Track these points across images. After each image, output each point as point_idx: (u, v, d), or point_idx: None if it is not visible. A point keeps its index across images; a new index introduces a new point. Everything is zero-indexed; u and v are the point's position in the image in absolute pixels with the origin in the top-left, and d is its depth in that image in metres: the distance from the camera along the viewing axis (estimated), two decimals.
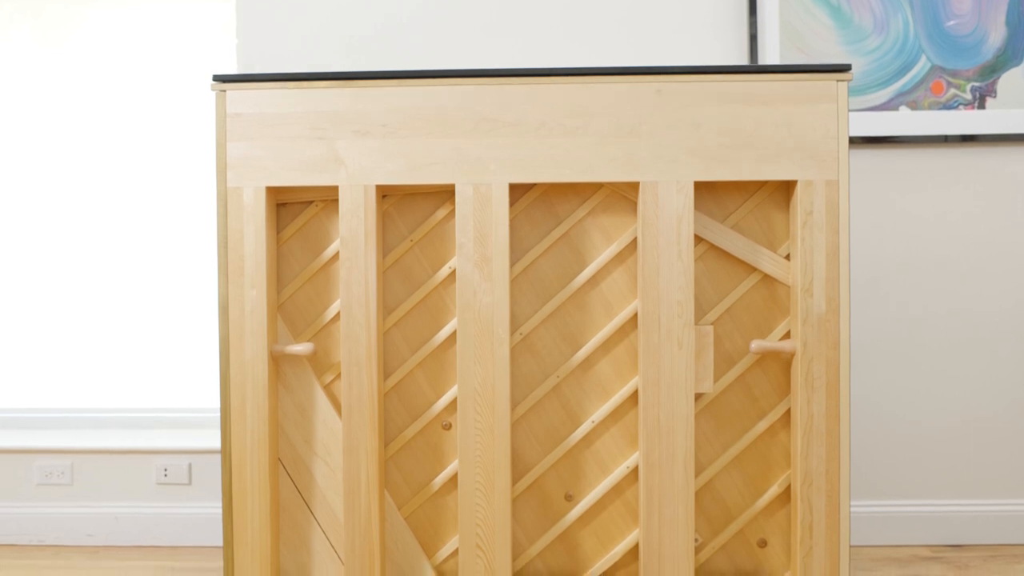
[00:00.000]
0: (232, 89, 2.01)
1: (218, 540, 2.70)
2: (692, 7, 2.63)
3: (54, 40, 2.84)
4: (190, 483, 2.72)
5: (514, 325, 2.07)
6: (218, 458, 2.71)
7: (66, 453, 2.75)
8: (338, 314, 2.07)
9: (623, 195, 2.05)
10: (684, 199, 1.97)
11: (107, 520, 2.72)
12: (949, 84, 2.58)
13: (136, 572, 2.48)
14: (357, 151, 2.00)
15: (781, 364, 2.05)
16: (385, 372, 2.08)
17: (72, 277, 2.88)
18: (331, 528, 2.09)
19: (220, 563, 2.54)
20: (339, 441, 2.07)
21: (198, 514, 2.71)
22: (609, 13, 2.64)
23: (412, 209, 2.09)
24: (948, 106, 2.58)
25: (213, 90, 2.02)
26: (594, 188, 2.06)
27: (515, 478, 2.08)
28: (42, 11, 2.83)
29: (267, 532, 2.04)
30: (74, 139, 2.86)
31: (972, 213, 2.61)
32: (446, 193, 2.07)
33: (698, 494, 2.07)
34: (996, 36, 2.58)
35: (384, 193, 2.07)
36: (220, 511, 2.70)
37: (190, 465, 2.72)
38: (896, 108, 2.59)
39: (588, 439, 2.08)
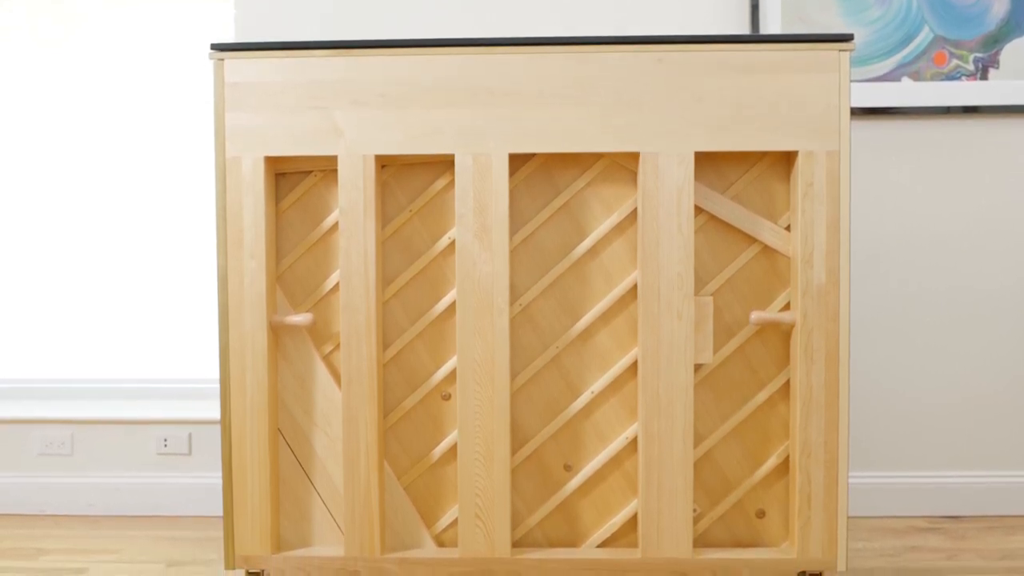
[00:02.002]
0: (230, 58, 2.00)
1: (218, 510, 2.71)
2: None
3: (57, 23, 2.83)
4: (190, 453, 2.73)
5: (514, 296, 2.06)
6: (218, 429, 2.72)
7: (66, 423, 2.75)
8: (337, 284, 2.07)
9: (623, 165, 2.04)
10: (684, 170, 1.97)
11: (107, 490, 2.73)
12: (951, 55, 2.56)
13: (136, 541, 2.49)
14: (356, 121, 1.99)
15: (781, 335, 2.06)
16: (384, 342, 2.08)
17: (73, 249, 2.87)
18: (331, 498, 2.10)
19: (220, 533, 2.55)
20: (338, 411, 2.08)
21: (198, 484, 2.72)
22: None
23: (411, 179, 2.08)
24: (950, 77, 2.57)
25: (211, 59, 2.00)
26: (594, 158, 2.05)
27: (514, 448, 2.08)
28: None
29: (267, 502, 2.04)
30: (76, 114, 2.85)
31: (973, 186, 2.61)
32: (445, 163, 2.06)
33: (697, 465, 2.07)
34: (1000, 6, 2.56)
35: (383, 163, 2.06)
36: (220, 481, 2.71)
37: (190, 435, 2.73)
38: (898, 79, 2.57)
39: (587, 410, 2.08)
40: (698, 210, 2.04)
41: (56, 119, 2.85)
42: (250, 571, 2.09)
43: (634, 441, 2.07)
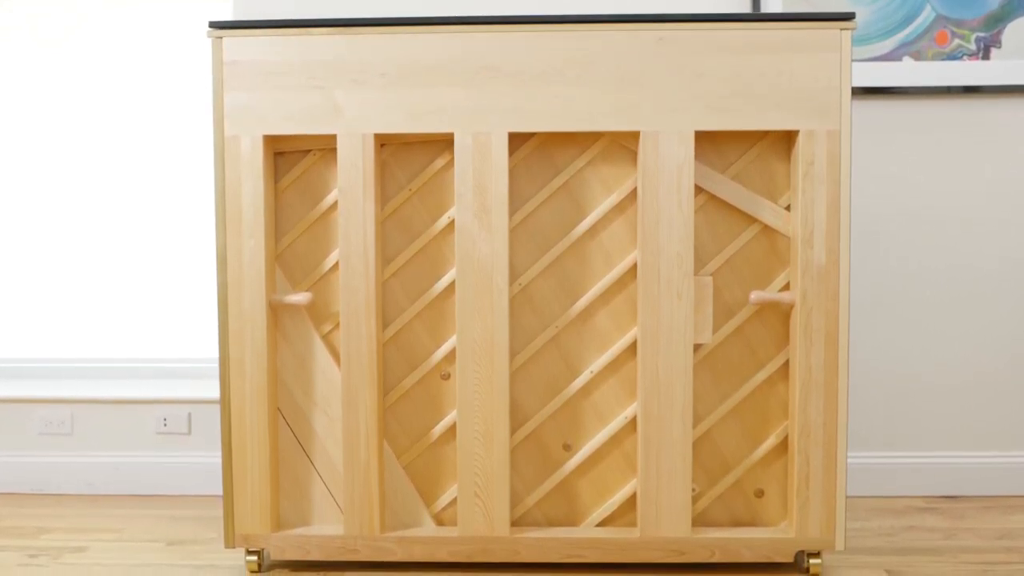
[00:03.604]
0: (228, 36, 1.99)
1: (218, 489, 2.71)
2: None
3: (57, 23, 2.82)
4: (190, 433, 2.73)
5: (513, 275, 2.06)
6: (217, 408, 2.72)
7: (66, 403, 2.75)
8: (336, 264, 2.07)
9: (623, 145, 2.04)
10: (685, 149, 1.96)
11: (107, 469, 2.74)
12: (953, 34, 2.55)
13: (137, 521, 2.50)
14: (355, 100, 1.98)
15: (780, 315, 2.05)
16: (384, 322, 2.08)
17: (72, 228, 2.87)
18: (330, 477, 2.10)
19: (220, 512, 2.56)
20: (338, 391, 2.08)
21: (198, 463, 2.72)
22: None
23: (411, 158, 2.07)
24: (952, 57, 2.56)
25: (209, 37, 1.99)
26: (594, 138, 2.04)
27: (513, 428, 2.08)
28: None
29: (267, 482, 2.05)
30: (77, 104, 2.83)
31: (974, 166, 2.60)
32: (445, 142, 2.06)
33: (696, 445, 2.07)
34: None
35: (382, 142, 2.06)
36: (220, 461, 2.71)
37: (190, 415, 2.73)
38: (899, 59, 2.56)
39: (586, 390, 2.08)
40: (698, 190, 2.03)
41: (57, 110, 2.84)
42: (250, 549, 2.09)
43: (633, 421, 2.07)
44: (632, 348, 2.06)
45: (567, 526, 2.11)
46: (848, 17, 1.93)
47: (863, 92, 2.57)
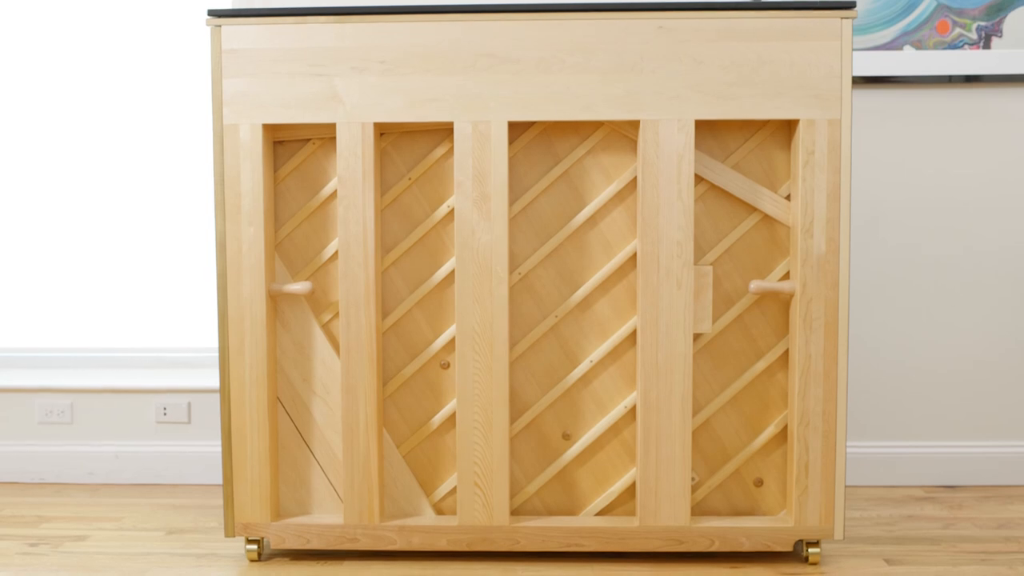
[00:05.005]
0: (227, 24, 1.98)
1: (218, 478, 2.72)
2: None
3: (55, 16, 2.81)
4: (189, 422, 2.73)
5: (513, 264, 2.06)
6: (217, 397, 2.72)
7: (66, 392, 2.76)
8: (336, 253, 2.07)
9: (623, 133, 2.03)
10: (685, 138, 1.96)
11: (107, 458, 2.74)
12: (955, 23, 2.54)
13: (137, 509, 2.50)
14: (355, 88, 1.98)
15: (780, 305, 2.05)
16: (383, 311, 2.08)
17: (72, 218, 2.87)
18: (330, 466, 2.10)
19: (220, 500, 2.56)
20: (337, 380, 2.08)
21: (198, 452, 2.73)
22: None
23: (410, 147, 2.07)
24: (953, 46, 2.55)
25: (208, 25, 1.99)
26: (594, 126, 2.04)
27: (513, 417, 2.08)
28: None
29: (266, 470, 2.05)
30: (76, 85, 2.83)
31: (975, 155, 2.59)
32: (445, 131, 2.05)
33: (695, 434, 2.08)
34: None
35: (382, 131, 2.05)
36: (219, 449, 2.72)
37: (189, 404, 2.73)
38: (900, 48, 2.55)
39: (586, 378, 2.08)
40: (698, 179, 2.03)
41: (56, 103, 2.84)
42: (250, 538, 2.10)
43: (633, 410, 2.07)
44: (632, 337, 2.06)
45: (566, 515, 2.11)
46: (849, 5, 1.93)
47: (864, 81, 2.57)
